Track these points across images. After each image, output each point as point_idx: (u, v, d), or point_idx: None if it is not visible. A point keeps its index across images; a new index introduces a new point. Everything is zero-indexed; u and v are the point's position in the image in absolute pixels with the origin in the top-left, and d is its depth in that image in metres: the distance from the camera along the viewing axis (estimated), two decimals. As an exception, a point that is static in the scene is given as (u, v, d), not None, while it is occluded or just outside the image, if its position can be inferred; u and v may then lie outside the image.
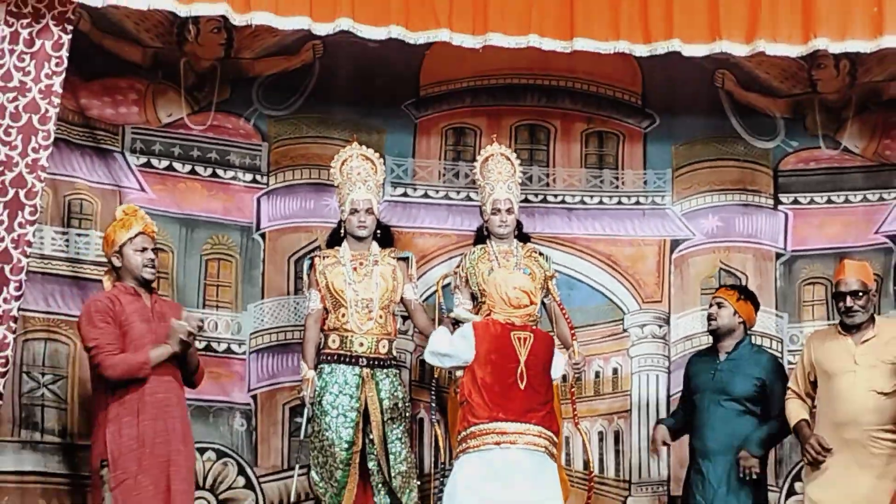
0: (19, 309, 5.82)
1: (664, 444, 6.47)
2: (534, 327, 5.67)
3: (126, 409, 5.37)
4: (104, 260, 6.49)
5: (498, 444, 5.37)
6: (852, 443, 5.61)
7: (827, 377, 5.75)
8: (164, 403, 5.46)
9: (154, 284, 5.73)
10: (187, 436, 5.62)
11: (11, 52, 5.76)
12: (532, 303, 5.62)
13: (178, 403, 5.56)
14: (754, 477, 6.03)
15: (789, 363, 6.90)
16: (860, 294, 5.70)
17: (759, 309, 6.55)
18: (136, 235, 5.54)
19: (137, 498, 5.34)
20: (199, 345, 6.61)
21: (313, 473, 6.33)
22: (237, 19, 5.86)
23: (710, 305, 6.32)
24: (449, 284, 6.72)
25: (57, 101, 5.84)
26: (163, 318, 5.51)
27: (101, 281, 6.40)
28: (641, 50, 6.17)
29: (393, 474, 6.28)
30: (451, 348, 5.53)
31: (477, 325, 5.56)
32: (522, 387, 5.42)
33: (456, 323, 6.01)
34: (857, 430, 5.60)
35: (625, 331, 7.30)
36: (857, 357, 5.66)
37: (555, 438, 5.51)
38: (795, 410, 5.90)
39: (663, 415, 7.01)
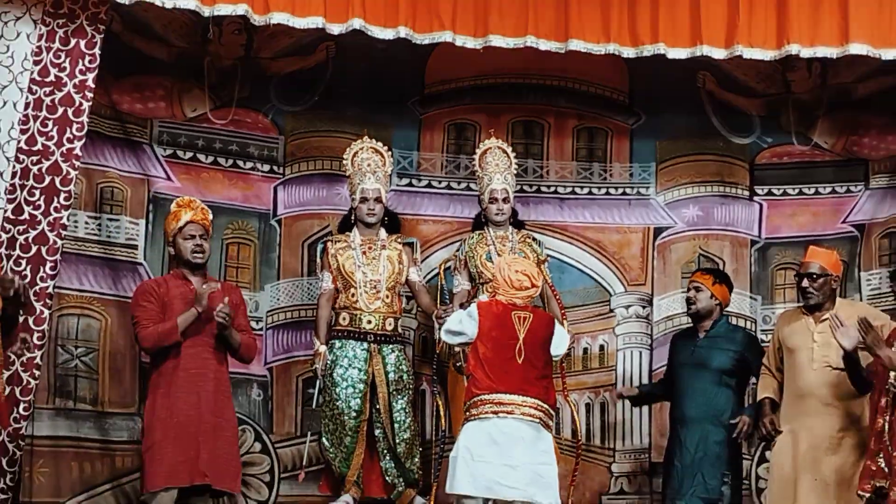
0: (55, 287, 5.92)
1: (622, 395, 6.56)
2: (534, 307, 5.64)
3: (162, 381, 5.44)
4: (134, 242, 6.61)
5: (496, 413, 5.40)
6: (810, 412, 5.64)
7: (790, 353, 5.80)
8: (197, 377, 5.47)
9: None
10: (224, 408, 5.62)
11: (48, 49, 5.79)
12: (533, 285, 5.60)
13: (214, 378, 5.54)
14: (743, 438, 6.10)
15: (762, 341, 6.85)
16: (815, 277, 5.72)
17: (733, 290, 6.58)
18: (185, 224, 5.56)
19: (160, 463, 5.34)
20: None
21: (324, 440, 6.34)
22: (257, 19, 5.91)
23: (689, 290, 6.33)
24: (450, 267, 6.75)
25: (90, 95, 5.89)
26: (210, 301, 5.52)
27: (129, 261, 6.45)
28: (629, 52, 6.23)
29: (397, 441, 6.30)
30: (460, 326, 5.55)
31: (481, 305, 5.62)
32: (520, 361, 5.44)
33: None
34: (814, 401, 5.64)
35: (611, 311, 7.27)
36: (815, 335, 5.69)
37: (551, 411, 5.52)
38: (762, 388, 5.96)
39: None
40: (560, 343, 5.64)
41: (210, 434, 5.46)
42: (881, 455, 5.14)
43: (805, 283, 5.76)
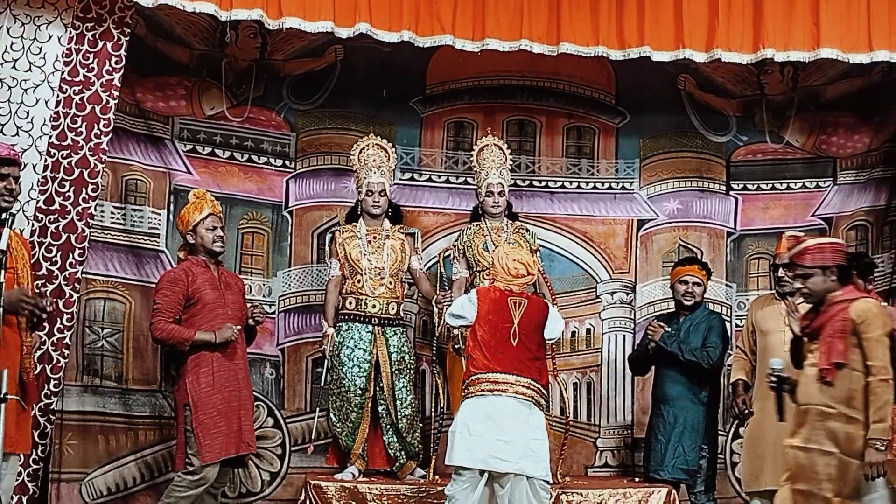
0: (83, 272, 5.91)
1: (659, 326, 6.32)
2: (529, 294, 5.65)
3: (203, 362, 5.46)
4: (156, 231, 6.56)
5: (492, 391, 5.41)
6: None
7: (763, 335, 5.86)
8: (234, 359, 5.57)
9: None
10: (250, 385, 5.77)
11: (77, 51, 5.79)
12: (529, 273, 5.62)
13: (242, 356, 5.67)
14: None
15: (737, 325, 6.98)
16: (784, 264, 5.72)
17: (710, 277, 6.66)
18: (207, 216, 5.61)
19: (214, 435, 5.40)
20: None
21: (332, 415, 6.38)
22: (271, 24, 5.92)
23: (685, 283, 6.30)
24: (449, 256, 6.76)
25: (116, 94, 5.89)
26: (228, 287, 5.66)
27: (152, 249, 6.42)
28: (617, 54, 6.23)
29: (399, 417, 6.33)
30: (461, 311, 5.56)
31: (480, 291, 5.62)
32: (515, 344, 5.46)
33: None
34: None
35: (597, 297, 7.26)
36: (786, 319, 5.71)
37: (543, 390, 5.53)
38: (735, 370, 6.05)
39: (628, 369, 6.97)
40: (554, 327, 5.64)
41: (247, 408, 5.61)
42: None
43: (780, 272, 5.80)
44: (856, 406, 4.58)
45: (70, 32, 5.74)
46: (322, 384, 6.57)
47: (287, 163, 7.05)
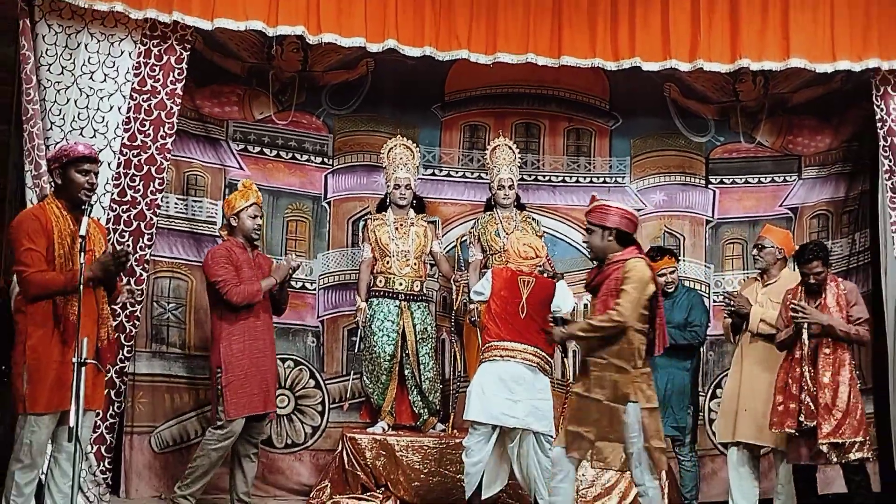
0: (151, 255, 5.94)
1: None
2: (537, 274, 5.63)
3: (235, 329, 5.43)
4: (213, 219, 6.54)
5: (502, 357, 5.44)
6: (753, 353, 5.66)
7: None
8: (260, 328, 5.51)
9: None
10: (274, 352, 5.69)
11: (145, 64, 5.81)
12: (538, 256, 5.65)
13: (268, 328, 5.61)
14: None
15: (714, 300, 6.95)
16: (760, 247, 5.77)
17: (686, 257, 6.84)
18: (251, 205, 5.54)
19: (242, 394, 5.40)
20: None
21: (364, 378, 6.41)
22: (311, 39, 5.96)
23: (665, 275, 6.19)
24: (465, 241, 6.76)
25: (178, 101, 5.92)
26: (260, 268, 5.58)
27: (210, 234, 6.44)
28: (611, 65, 6.23)
29: (422, 379, 6.36)
30: (481, 287, 5.61)
31: (495, 271, 5.65)
32: (523, 317, 5.48)
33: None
34: (752, 349, 5.68)
35: (594, 276, 7.21)
36: (758, 296, 5.70)
37: (548, 358, 5.55)
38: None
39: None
40: (564, 301, 5.64)
41: (272, 372, 5.58)
42: (807, 397, 5.16)
43: (755, 251, 5.82)
44: (624, 357, 4.60)
45: (139, 48, 5.74)
46: (356, 351, 6.61)
47: (325, 160, 7.03)
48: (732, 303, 5.71)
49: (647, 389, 4.66)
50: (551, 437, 5.46)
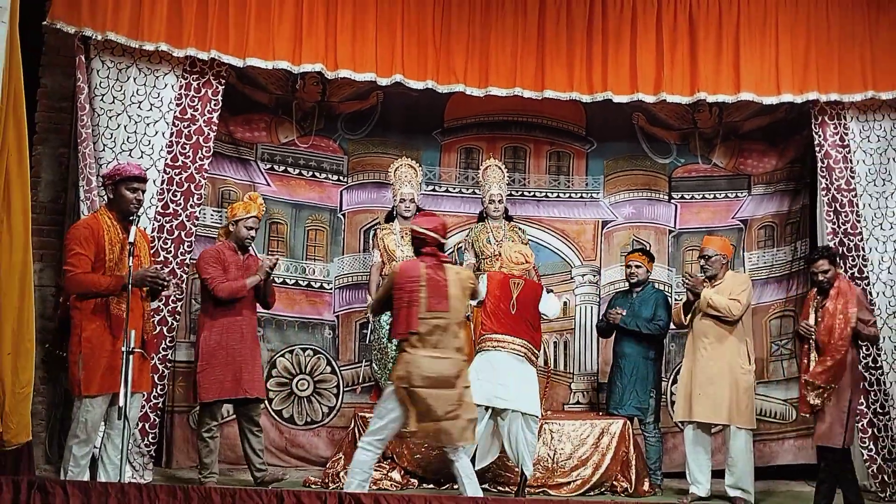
0: (190, 259, 5.91)
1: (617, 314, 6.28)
2: (526, 277, 5.68)
3: (215, 322, 5.34)
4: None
5: (494, 347, 5.47)
6: (701, 347, 5.70)
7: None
8: (240, 322, 5.39)
9: (252, 248, 5.67)
10: (256, 343, 5.54)
11: (186, 95, 5.80)
12: (527, 262, 5.73)
13: (249, 322, 5.45)
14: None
15: (675, 299, 6.92)
16: (709, 258, 5.77)
17: (654, 263, 6.66)
18: (250, 217, 5.47)
19: (211, 380, 5.33)
20: (303, 283, 6.77)
21: (374, 365, 6.40)
22: (329, 75, 5.96)
23: (631, 268, 6.30)
24: (462, 247, 6.76)
25: (214, 127, 5.92)
26: (248, 269, 5.47)
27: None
28: (586, 98, 6.25)
29: (424, 366, 6.28)
30: (482, 289, 5.54)
31: (490, 275, 5.68)
32: (513, 313, 5.51)
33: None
34: (703, 339, 5.71)
35: (571, 278, 7.24)
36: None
37: (535, 350, 5.58)
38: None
39: (594, 333, 6.98)
40: (549, 306, 5.66)
41: (252, 361, 5.42)
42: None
43: (702, 262, 5.82)
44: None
45: (180, 82, 5.74)
46: (366, 342, 6.62)
47: (341, 178, 7.04)
48: (689, 282, 5.75)
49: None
50: (537, 417, 5.49)
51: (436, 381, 4.51)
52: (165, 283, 4.55)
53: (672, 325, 6.19)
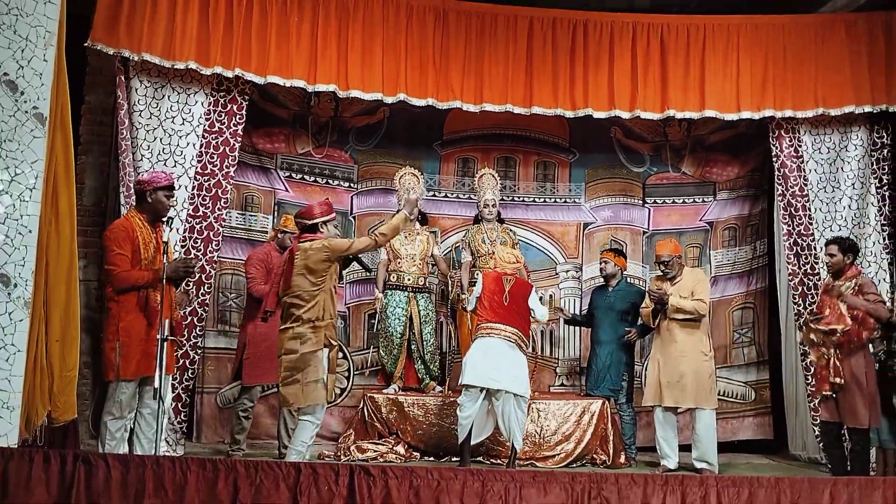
0: (217, 256, 5.91)
1: (563, 313, 6.52)
2: (517, 276, 5.69)
3: (256, 314, 5.32)
4: (265, 230, 6.59)
5: (488, 334, 5.46)
6: (667, 340, 5.72)
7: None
8: (277, 316, 5.35)
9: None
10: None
11: (214, 111, 5.81)
12: (518, 262, 5.76)
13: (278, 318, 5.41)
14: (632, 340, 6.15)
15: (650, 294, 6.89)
16: (665, 261, 5.80)
17: (627, 259, 6.70)
18: (290, 231, 5.51)
19: (255, 367, 5.38)
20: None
21: (381, 351, 6.39)
22: (341, 93, 5.93)
23: (601, 263, 6.34)
24: (459, 246, 6.75)
25: (239, 139, 5.92)
26: (288, 264, 5.42)
27: (262, 241, 6.45)
28: (569, 114, 6.24)
29: (425, 352, 6.35)
30: (476, 288, 5.64)
31: (485, 273, 5.73)
32: (506, 304, 5.52)
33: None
34: (668, 333, 5.72)
35: (556, 273, 7.24)
36: (668, 291, 5.72)
37: (524, 338, 5.58)
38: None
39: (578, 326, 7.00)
40: (540, 312, 5.66)
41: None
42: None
43: (662, 267, 5.83)
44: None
45: (209, 99, 5.74)
46: (374, 330, 6.60)
47: (351, 184, 7.02)
48: (655, 296, 5.73)
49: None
50: (526, 397, 5.49)
51: (279, 351, 4.57)
52: (193, 268, 4.52)
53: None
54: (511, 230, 6.68)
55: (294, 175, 6.83)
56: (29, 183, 4.08)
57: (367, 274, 6.85)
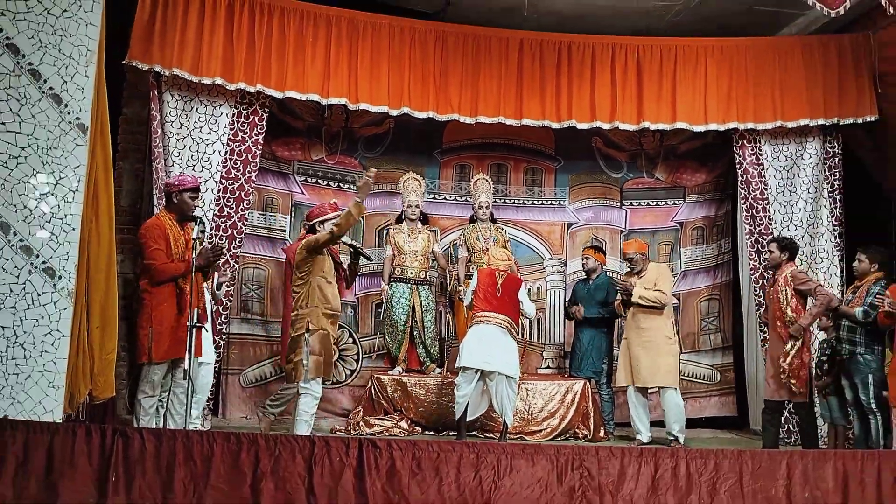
0: (240, 252, 5.89)
1: (575, 312, 6.34)
2: (508, 272, 5.70)
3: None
4: (284, 228, 6.63)
5: (483, 321, 5.46)
6: (636, 324, 5.70)
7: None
8: None
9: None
10: None
11: (238, 121, 5.78)
12: (508, 259, 5.78)
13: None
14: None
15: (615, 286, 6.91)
16: (631, 259, 5.80)
17: (606, 255, 6.70)
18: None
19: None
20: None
21: (386, 336, 6.37)
22: (351, 106, 5.90)
23: (583, 259, 6.32)
24: (456, 244, 6.71)
25: (260, 147, 5.90)
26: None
27: (280, 238, 6.49)
28: (555, 125, 6.21)
29: (426, 338, 6.33)
30: (472, 282, 5.65)
31: (480, 270, 5.73)
32: (499, 295, 5.51)
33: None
34: (637, 318, 5.65)
35: (543, 268, 7.22)
36: (633, 282, 5.72)
37: (514, 325, 5.57)
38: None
39: (561, 311, 7.00)
40: (528, 309, 5.66)
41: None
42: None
43: (628, 263, 5.85)
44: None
45: (233, 111, 5.72)
46: (380, 318, 6.57)
47: (360, 188, 7.04)
48: (620, 287, 5.75)
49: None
50: (516, 378, 5.49)
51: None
52: (221, 250, 4.49)
53: None
54: (503, 229, 6.66)
55: (309, 179, 6.80)
56: (72, 186, 4.08)
57: (375, 268, 6.91)
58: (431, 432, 5.93)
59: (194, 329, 4.05)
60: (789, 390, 5.07)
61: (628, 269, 5.90)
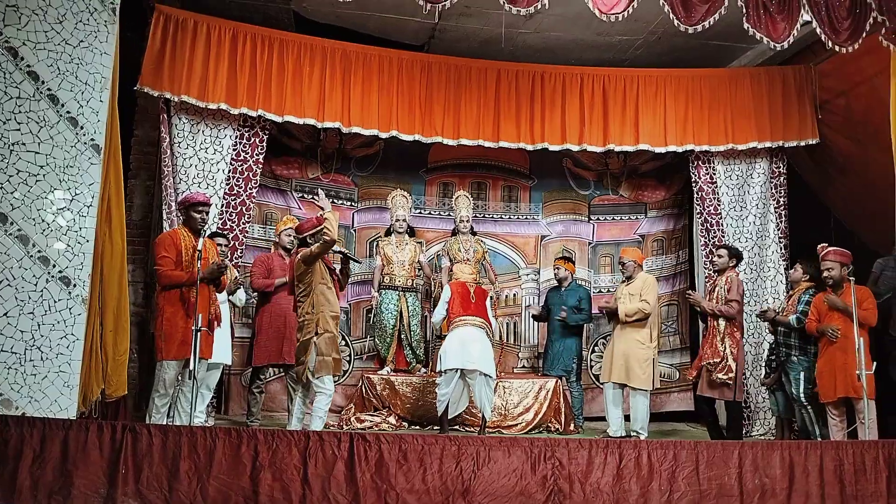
0: (241, 262, 5.82)
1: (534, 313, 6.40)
2: (477, 284, 5.76)
3: (264, 307, 5.45)
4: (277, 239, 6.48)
5: (463, 324, 5.48)
6: (620, 330, 5.65)
7: (617, 300, 5.75)
8: (280, 301, 5.43)
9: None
10: (294, 322, 5.39)
11: (240, 143, 5.78)
12: (474, 273, 5.89)
13: (287, 301, 5.30)
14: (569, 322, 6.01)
15: (593, 292, 6.97)
16: (623, 264, 5.76)
17: (576, 265, 6.70)
18: (287, 229, 5.57)
19: (261, 349, 5.40)
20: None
21: (376, 339, 6.34)
22: (345, 129, 5.91)
23: (555, 269, 6.33)
24: (440, 254, 6.71)
25: (260, 166, 5.89)
26: (291, 266, 5.29)
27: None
28: (529, 147, 6.24)
29: (412, 340, 6.30)
30: (444, 297, 5.62)
31: (451, 284, 5.72)
32: (473, 302, 5.53)
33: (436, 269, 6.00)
34: (621, 325, 5.64)
35: (519, 276, 7.25)
36: (621, 294, 5.67)
37: (490, 327, 5.57)
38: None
39: (535, 321, 6.92)
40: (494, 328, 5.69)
41: (289, 336, 5.38)
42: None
43: (621, 267, 5.81)
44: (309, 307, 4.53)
45: (236, 133, 5.73)
46: (371, 322, 6.56)
47: (353, 203, 7.00)
48: (604, 307, 5.79)
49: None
50: (494, 377, 5.49)
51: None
52: (224, 268, 4.52)
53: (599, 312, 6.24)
54: (482, 241, 6.66)
55: (306, 196, 6.78)
56: (86, 201, 4.07)
57: (366, 276, 6.90)
58: (417, 427, 5.92)
59: (199, 332, 4.03)
60: (720, 388, 5.15)
61: (621, 275, 5.89)
